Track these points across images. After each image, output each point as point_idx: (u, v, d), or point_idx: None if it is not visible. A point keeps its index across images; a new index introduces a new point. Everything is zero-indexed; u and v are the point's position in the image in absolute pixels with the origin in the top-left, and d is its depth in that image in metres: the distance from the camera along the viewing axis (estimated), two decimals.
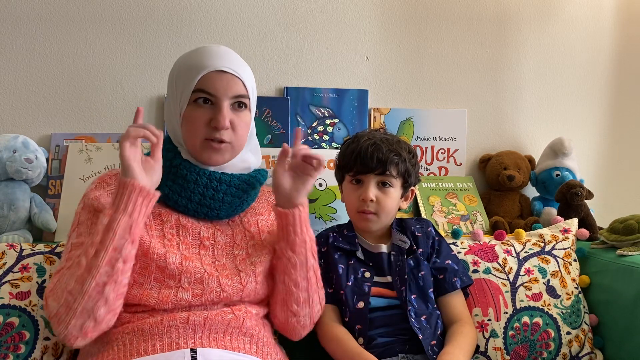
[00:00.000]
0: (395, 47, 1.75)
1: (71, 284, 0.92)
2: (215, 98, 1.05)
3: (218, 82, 1.05)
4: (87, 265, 0.92)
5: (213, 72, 1.05)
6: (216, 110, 1.05)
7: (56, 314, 0.93)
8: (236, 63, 1.08)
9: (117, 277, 0.93)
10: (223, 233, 1.11)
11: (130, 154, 0.95)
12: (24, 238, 1.35)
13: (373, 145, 1.23)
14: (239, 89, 1.07)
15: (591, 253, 1.45)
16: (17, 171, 1.37)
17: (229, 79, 1.06)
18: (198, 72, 1.05)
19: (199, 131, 1.05)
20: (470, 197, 1.71)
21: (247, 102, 1.09)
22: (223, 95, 1.05)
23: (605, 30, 1.89)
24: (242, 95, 1.08)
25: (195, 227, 1.09)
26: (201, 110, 1.06)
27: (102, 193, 1.06)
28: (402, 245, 1.26)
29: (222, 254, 1.08)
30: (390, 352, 1.16)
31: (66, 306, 0.92)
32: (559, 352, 1.31)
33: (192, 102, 1.06)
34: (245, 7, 1.64)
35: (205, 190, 1.07)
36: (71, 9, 1.55)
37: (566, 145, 1.67)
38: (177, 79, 1.08)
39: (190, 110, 1.06)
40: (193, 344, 0.98)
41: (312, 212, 1.54)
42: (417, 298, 1.23)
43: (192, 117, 1.06)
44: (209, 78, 1.05)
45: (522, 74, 1.83)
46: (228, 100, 1.06)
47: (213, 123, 1.05)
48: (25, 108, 1.53)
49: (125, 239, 0.93)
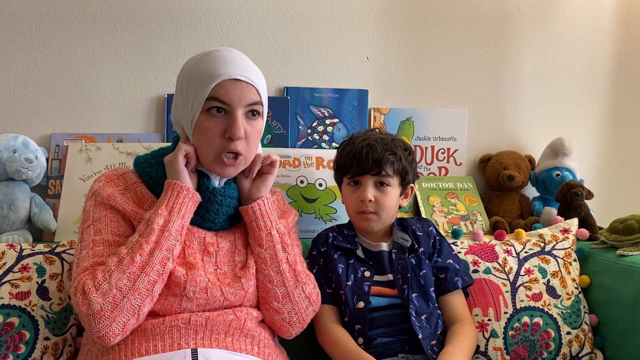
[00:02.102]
0: (395, 47, 1.75)
1: (122, 281, 0.94)
2: (229, 107, 1.02)
3: (232, 91, 1.02)
4: (141, 264, 0.95)
5: (227, 80, 1.02)
6: (230, 121, 1.02)
7: (100, 311, 0.92)
8: (250, 70, 1.05)
9: (165, 276, 0.99)
10: (225, 239, 1.11)
11: (182, 163, 1.04)
12: (24, 238, 1.35)
13: (368, 146, 1.24)
14: (254, 96, 1.04)
15: (591, 253, 1.45)
16: (17, 171, 1.37)
17: (243, 87, 1.03)
18: (211, 79, 1.02)
19: (213, 142, 1.03)
20: (470, 197, 1.71)
21: (261, 109, 1.07)
22: (237, 104, 1.02)
23: (605, 30, 1.89)
24: (256, 102, 1.05)
25: (201, 233, 1.09)
26: (215, 120, 1.03)
27: (114, 192, 1.06)
28: (403, 243, 1.26)
29: (224, 262, 1.09)
30: (390, 352, 1.16)
31: (113, 303, 0.93)
32: (559, 352, 1.31)
33: (205, 111, 1.03)
34: (245, 7, 1.64)
35: (209, 205, 1.07)
36: (71, 9, 1.55)
37: (566, 145, 1.67)
38: (189, 84, 1.05)
39: (204, 120, 1.03)
40: (194, 344, 0.98)
41: (312, 212, 1.54)
42: (418, 297, 1.23)
43: (205, 127, 1.03)
44: (223, 86, 1.02)
45: (522, 74, 1.84)
46: (242, 109, 1.03)
47: (228, 134, 1.02)
48: (25, 108, 1.53)
49: (177, 239, 1.00)
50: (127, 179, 1.10)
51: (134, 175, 1.11)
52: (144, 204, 1.07)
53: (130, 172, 1.12)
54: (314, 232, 1.42)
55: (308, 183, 1.56)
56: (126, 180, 1.10)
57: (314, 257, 1.29)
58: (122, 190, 1.08)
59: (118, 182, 1.09)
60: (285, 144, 1.64)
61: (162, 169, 1.09)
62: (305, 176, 1.56)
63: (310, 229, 1.52)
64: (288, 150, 1.59)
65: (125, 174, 1.11)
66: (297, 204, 1.53)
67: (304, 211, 1.53)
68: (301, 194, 1.55)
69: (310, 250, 1.31)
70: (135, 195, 1.08)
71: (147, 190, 1.09)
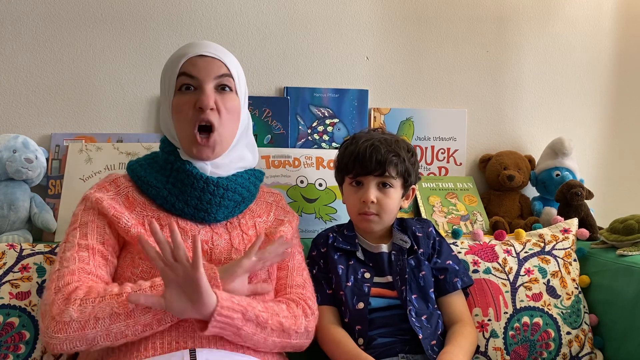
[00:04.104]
0: (395, 47, 1.75)
1: (103, 320, 0.91)
2: (197, 81, 1.07)
3: (199, 65, 1.07)
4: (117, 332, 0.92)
5: (194, 57, 1.08)
6: (199, 92, 1.07)
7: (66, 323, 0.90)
8: (218, 49, 1.11)
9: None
10: (221, 237, 1.10)
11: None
12: (24, 238, 1.35)
13: (371, 147, 1.23)
14: (222, 70, 1.09)
15: (591, 253, 1.45)
16: (17, 171, 1.37)
17: (209, 61, 1.08)
18: (180, 59, 1.08)
19: (187, 117, 1.07)
20: (470, 197, 1.71)
21: (232, 83, 1.10)
22: (205, 76, 1.07)
23: (605, 30, 1.89)
24: (224, 75, 1.09)
25: (194, 230, 1.09)
26: (187, 96, 1.08)
27: (103, 196, 1.07)
28: (403, 245, 1.26)
29: (220, 259, 1.08)
30: (390, 352, 1.16)
31: (82, 326, 0.91)
32: (559, 352, 1.31)
33: (178, 91, 1.08)
34: (245, 7, 1.64)
35: (202, 194, 1.08)
36: (71, 9, 1.55)
37: (566, 145, 1.67)
38: (164, 74, 1.12)
39: (177, 99, 1.08)
40: (192, 344, 0.97)
41: (312, 212, 1.54)
42: (418, 298, 1.23)
43: (179, 104, 1.08)
44: (190, 62, 1.08)
45: (522, 74, 1.83)
46: (211, 83, 1.08)
47: (198, 104, 1.06)
48: (25, 108, 1.53)
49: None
50: (119, 184, 1.11)
51: (125, 179, 1.13)
52: (135, 207, 1.08)
53: (122, 176, 1.14)
54: (314, 232, 1.42)
55: (308, 183, 1.56)
56: (117, 185, 1.11)
57: (313, 257, 1.29)
58: (112, 195, 1.09)
59: (109, 187, 1.10)
60: (285, 144, 1.63)
61: (150, 169, 1.11)
62: (305, 176, 1.56)
63: (310, 229, 1.52)
64: (288, 150, 1.59)
65: (116, 180, 1.12)
66: (297, 204, 1.53)
67: (304, 211, 1.53)
68: (301, 194, 1.55)
69: (310, 251, 1.31)
70: (126, 200, 1.09)
71: (138, 193, 1.11)
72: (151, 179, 1.09)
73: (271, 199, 1.24)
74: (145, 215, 1.08)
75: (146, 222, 1.06)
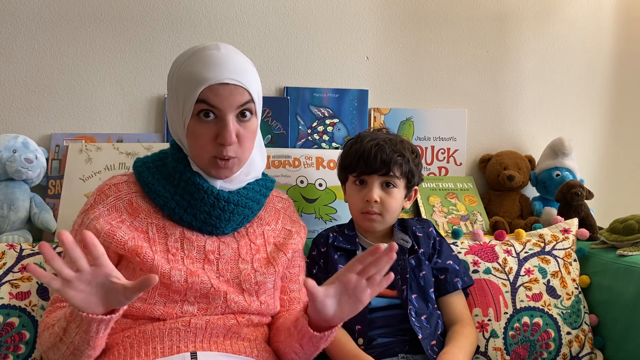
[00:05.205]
0: (395, 47, 1.75)
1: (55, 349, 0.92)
2: (219, 111, 1.00)
3: (221, 95, 0.99)
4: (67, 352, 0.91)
5: (215, 84, 0.98)
6: (221, 126, 1.00)
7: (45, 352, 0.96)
8: (239, 70, 1.01)
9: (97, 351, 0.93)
10: (228, 246, 1.07)
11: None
12: (24, 238, 1.35)
13: (377, 146, 1.23)
14: (243, 98, 1.01)
15: (591, 253, 1.45)
16: (17, 171, 1.37)
17: (232, 90, 0.99)
18: (199, 84, 0.98)
19: (206, 147, 1.01)
20: (470, 197, 1.71)
21: (253, 107, 1.04)
22: (227, 107, 0.99)
23: (605, 30, 1.89)
24: (246, 102, 1.02)
25: (200, 240, 1.05)
26: (206, 125, 1.00)
27: (102, 211, 1.03)
28: (404, 245, 1.26)
29: (227, 269, 1.05)
30: (390, 352, 1.16)
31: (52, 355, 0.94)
32: (559, 352, 1.31)
33: (195, 115, 1.00)
34: (245, 7, 1.64)
35: (211, 209, 1.04)
36: (71, 9, 1.55)
37: (566, 145, 1.67)
38: (178, 86, 1.02)
39: (195, 125, 1.01)
40: (194, 347, 0.97)
41: (312, 212, 1.54)
42: (418, 298, 1.23)
43: (196, 132, 1.01)
44: (211, 90, 0.98)
45: (522, 74, 1.83)
46: (233, 113, 1.00)
47: (219, 140, 1.00)
48: (25, 108, 1.53)
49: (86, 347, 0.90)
50: (120, 189, 1.06)
51: (130, 181, 1.08)
52: (139, 213, 1.04)
53: (127, 179, 1.09)
54: (314, 232, 1.42)
55: (308, 183, 1.56)
56: (119, 190, 1.06)
57: (314, 257, 1.29)
58: (112, 201, 1.04)
59: (109, 192, 1.05)
60: (285, 144, 1.63)
61: (158, 174, 1.06)
62: (305, 176, 1.56)
63: (310, 229, 1.51)
64: (288, 150, 1.59)
65: (118, 184, 1.07)
66: (297, 204, 1.53)
67: (304, 211, 1.53)
68: (301, 194, 1.55)
69: (311, 251, 1.31)
70: (129, 205, 1.05)
71: (143, 198, 1.06)
72: (159, 187, 1.05)
73: (280, 205, 1.21)
74: (149, 222, 1.04)
75: (150, 231, 1.03)
